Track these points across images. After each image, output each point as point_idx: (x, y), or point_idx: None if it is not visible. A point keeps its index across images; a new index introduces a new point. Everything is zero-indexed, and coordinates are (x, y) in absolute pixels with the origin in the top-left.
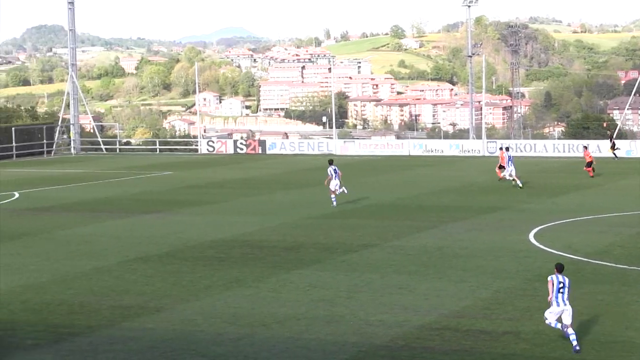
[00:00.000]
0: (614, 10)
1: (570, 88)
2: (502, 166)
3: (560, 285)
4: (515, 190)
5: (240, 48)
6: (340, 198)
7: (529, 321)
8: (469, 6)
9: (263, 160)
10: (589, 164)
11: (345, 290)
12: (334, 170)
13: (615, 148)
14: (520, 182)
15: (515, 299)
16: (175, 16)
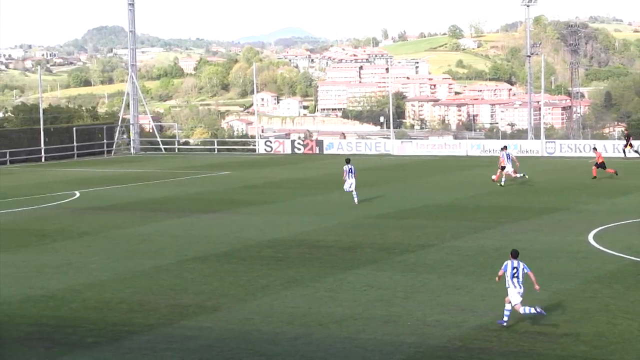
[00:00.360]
0: None
1: (631, 88)
2: (504, 167)
3: (514, 270)
4: (574, 190)
5: (298, 48)
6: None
7: (587, 323)
8: (528, 6)
9: (320, 160)
10: (601, 164)
11: (403, 291)
12: (350, 169)
13: (629, 146)
14: (507, 179)
15: (574, 300)
16: (234, 17)
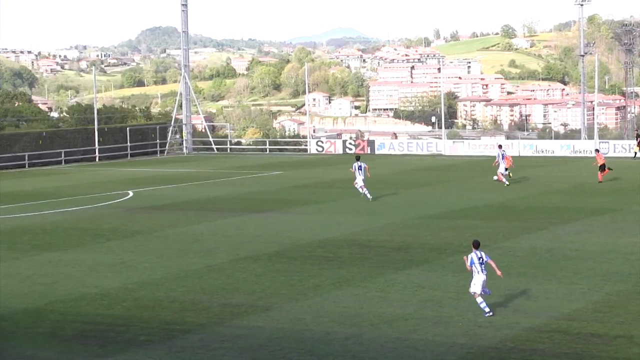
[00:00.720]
0: None
1: None
2: (506, 168)
3: (480, 260)
4: (628, 191)
5: (349, 48)
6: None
7: None
8: (582, 5)
9: (371, 160)
10: (601, 167)
11: (454, 291)
12: (359, 166)
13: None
14: (506, 180)
15: (627, 302)
16: (286, 17)
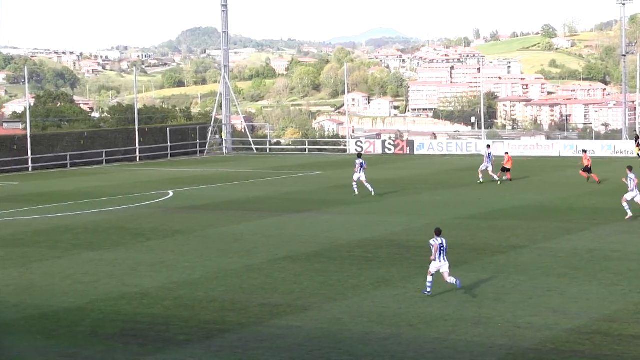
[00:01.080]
0: None
1: None
2: (506, 168)
3: (440, 245)
4: None
5: (389, 48)
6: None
7: None
8: (624, 4)
9: (411, 160)
10: (586, 168)
11: (493, 292)
12: (361, 164)
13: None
14: (481, 178)
15: None
16: (326, 17)
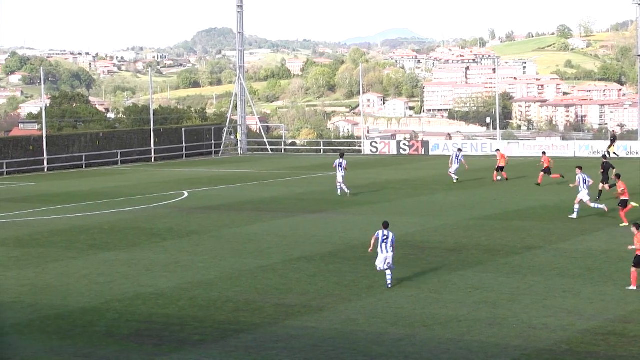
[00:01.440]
0: None
1: None
2: (501, 167)
3: (384, 237)
4: None
5: (404, 49)
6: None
7: None
8: (639, 4)
9: (426, 161)
10: (546, 169)
11: (508, 293)
12: (340, 163)
13: (612, 147)
14: (455, 178)
15: None
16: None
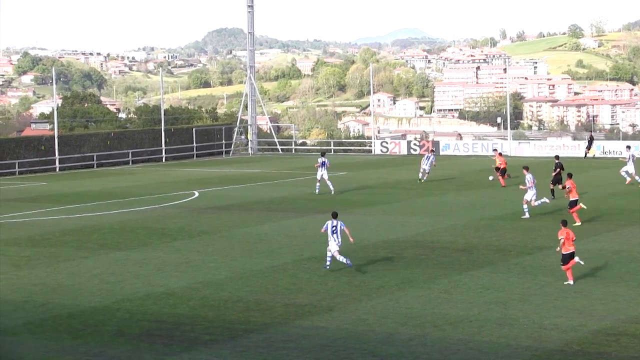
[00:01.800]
0: None
1: None
2: (499, 168)
3: (333, 227)
4: None
5: (415, 49)
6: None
7: None
8: None
9: (436, 161)
10: (502, 170)
11: (519, 293)
12: (323, 162)
13: (589, 148)
14: (424, 178)
15: None
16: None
